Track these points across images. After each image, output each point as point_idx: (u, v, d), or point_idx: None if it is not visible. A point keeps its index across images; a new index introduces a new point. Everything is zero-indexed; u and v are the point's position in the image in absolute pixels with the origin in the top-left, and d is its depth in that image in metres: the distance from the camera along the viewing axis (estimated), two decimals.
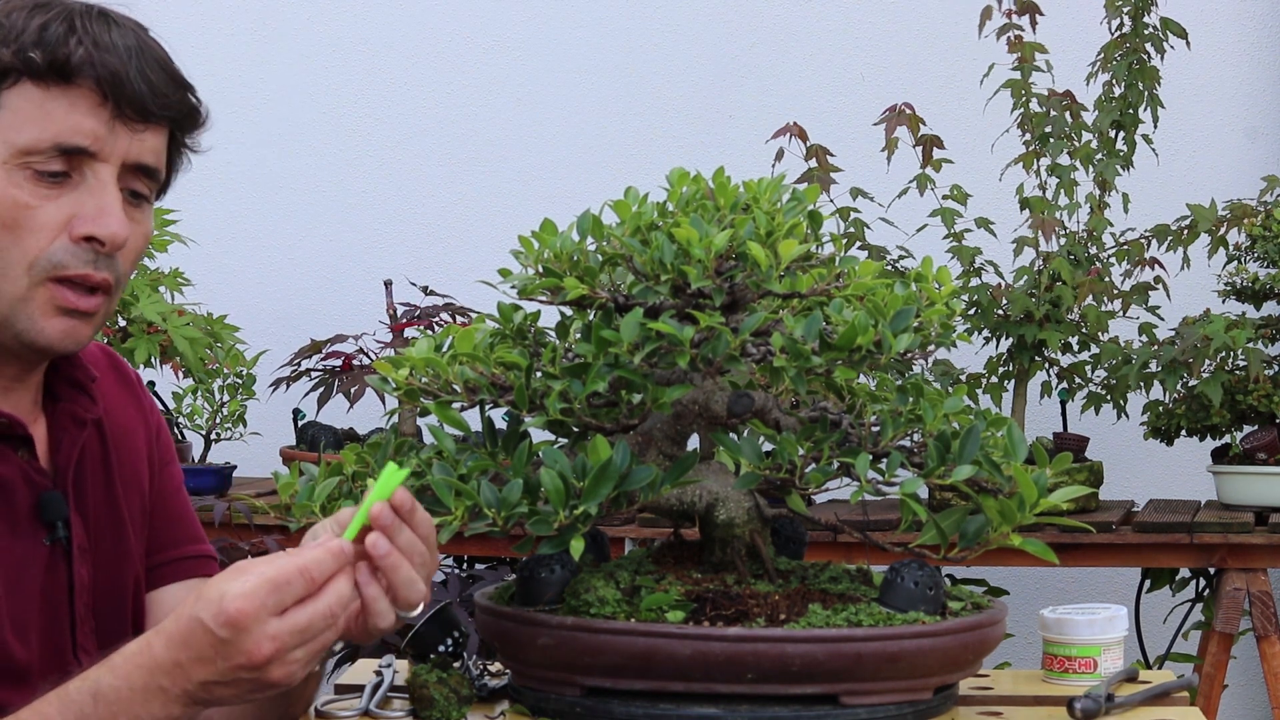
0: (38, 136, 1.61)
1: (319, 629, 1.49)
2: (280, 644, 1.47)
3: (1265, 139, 4.25)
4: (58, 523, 1.70)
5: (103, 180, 1.64)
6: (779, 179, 1.78)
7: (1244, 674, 4.11)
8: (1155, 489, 4.05)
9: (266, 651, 1.47)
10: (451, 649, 1.84)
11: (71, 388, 1.76)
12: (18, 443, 1.69)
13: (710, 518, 1.79)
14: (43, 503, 1.69)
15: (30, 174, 1.62)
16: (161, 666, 1.50)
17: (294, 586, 1.48)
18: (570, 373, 1.70)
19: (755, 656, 1.64)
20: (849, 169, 3.61)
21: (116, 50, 1.64)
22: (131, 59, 1.64)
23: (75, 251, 1.63)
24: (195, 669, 1.49)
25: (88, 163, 1.64)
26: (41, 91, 1.62)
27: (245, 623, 1.46)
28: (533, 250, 1.76)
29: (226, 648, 1.47)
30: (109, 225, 1.64)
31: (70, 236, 1.63)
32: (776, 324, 1.70)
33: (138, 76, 1.64)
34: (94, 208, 1.63)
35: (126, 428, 1.84)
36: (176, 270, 3.73)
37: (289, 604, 1.48)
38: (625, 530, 3.48)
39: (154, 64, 1.66)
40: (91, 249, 1.64)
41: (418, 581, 1.55)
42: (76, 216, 1.63)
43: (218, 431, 3.86)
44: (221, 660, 1.48)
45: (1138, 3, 3.61)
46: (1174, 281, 3.64)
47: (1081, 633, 1.96)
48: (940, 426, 1.72)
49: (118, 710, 1.50)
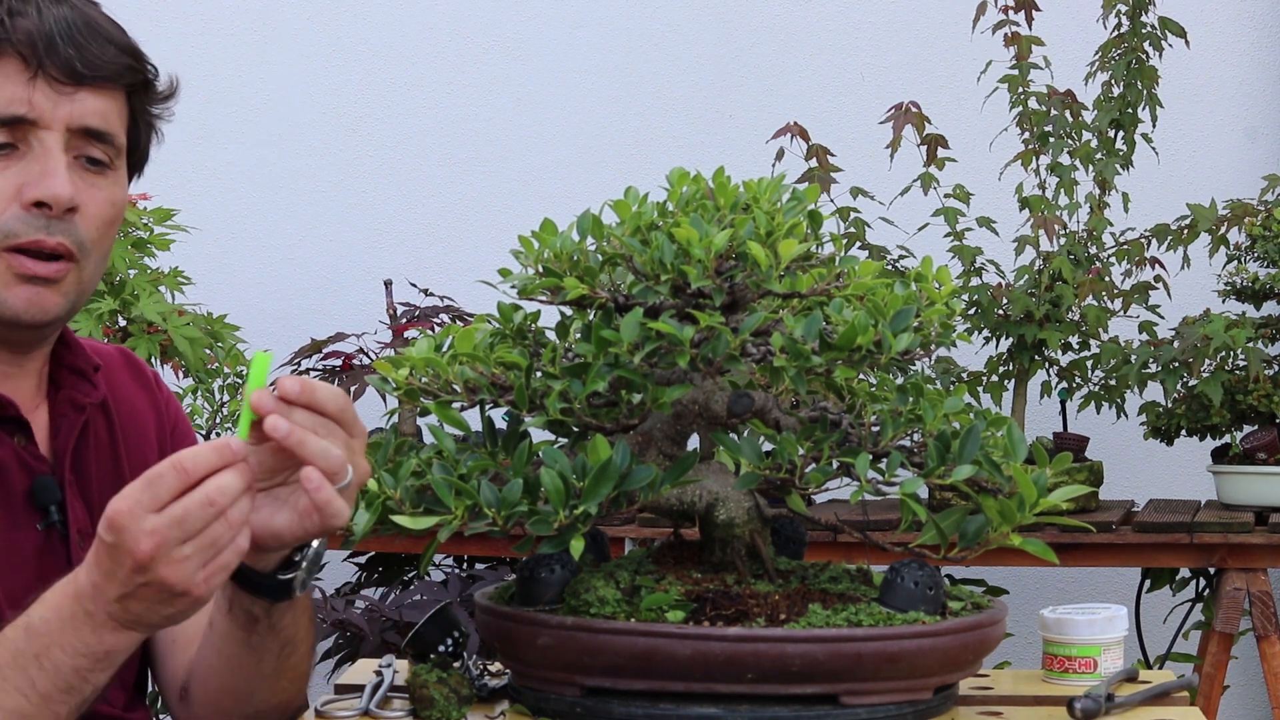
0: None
1: (198, 519, 1.42)
2: (160, 538, 1.41)
3: (1265, 139, 4.25)
4: (50, 507, 1.71)
5: (47, 146, 1.66)
6: (779, 179, 1.78)
7: (1244, 674, 4.11)
8: (1155, 489, 4.05)
9: (146, 548, 1.41)
10: (451, 649, 1.84)
11: (73, 374, 1.78)
12: (13, 427, 1.70)
13: (710, 518, 1.79)
14: (35, 487, 1.70)
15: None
16: (83, 591, 1.47)
17: (166, 480, 1.42)
18: (570, 373, 1.70)
19: (755, 656, 1.64)
20: (849, 169, 3.61)
21: (38, 17, 1.64)
22: (57, 24, 1.65)
23: (26, 219, 1.65)
24: (106, 586, 1.45)
25: (31, 131, 1.65)
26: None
27: (121, 520, 1.42)
28: (533, 250, 1.76)
29: (116, 553, 1.43)
30: (52, 187, 1.65)
31: (20, 204, 1.65)
32: (776, 324, 1.70)
33: (64, 40, 1.65)
34: (38, 172, 1.65)
35: (137, 417, 1.85)
36: (176, 270, 3.72)
37: (165, 498, 1.42)
38: (625, 530, 3.48)
39: (84, 27, 1.67)
40: (42, 214, 1.65)
41: (331, 449, 1.48)
42: (25, 184, 1.65)
43: (218, 431, 3.86)
44: (118, 568, 1.44)
45: (1135, 2, 3.61)
46: (1174, 281, 3.64)
47: (1081, 633, 1.96)
48: (940, 426, 1.73)
49: (49, 642, 1.48)
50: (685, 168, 1.80)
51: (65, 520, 1.72)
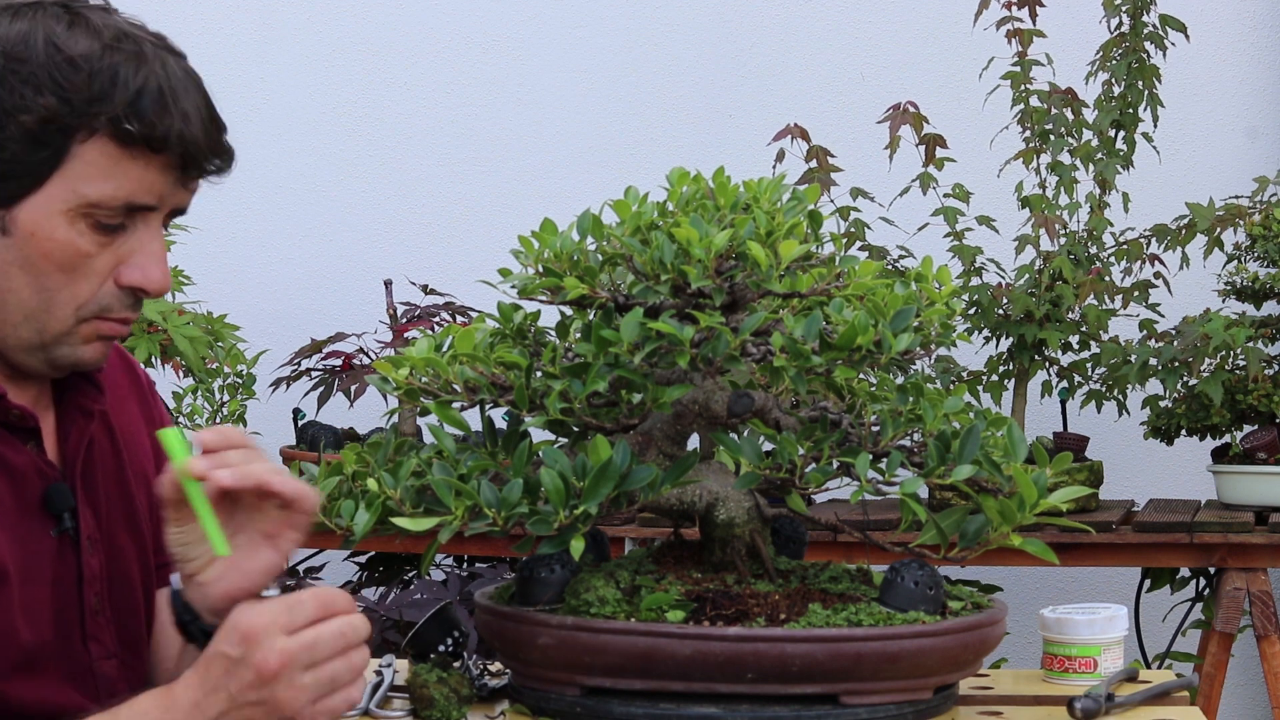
0: (111, 194, 1.63)
1: (327, 649, 1.50)
2: (288, 657, 1.48)
3: (1265, 138, 4.25)
4: (64, 514, 1.71)
5: (153, 230, 1.68)
6: (779, 179, 1.78)
7: (1244, 674, 4.11)
8: (1155, 489, 4.04)
9: (274, 664, 1.48)
10: (451, 648, 1.84)
11: (79, 378, 1.78)
12: (27, 435, 1.70)
13: (710, 518, 1.79)
14: (49, 494, 1.70)
15: (92, 223, 1.64)
16: (179, 706, 1.52)
17: (306, 606, 1.51)
18: (570, 373, 1.70)
19: (755, 656, 1.64)
20: (849, 169, 3.61)
21: (195, 119, 1.66)
22: (204, 123, 1.67)
23: (120, 297, 1.67)
24: (209, 703, 1.51)
25: (142, 213, 1.66)
26: (120, 150, 1.62)
27: (257, 635, 1.49)
28: (533, 250, 1.76)
29: (238, 667, 1.49)
30: (156, 279, 1.67)
31: (116, 282, 1.66)
32: (776, 324, 1.70)
33: (208, 143, 1.67)
34: (143, 259, 1.67)
35: (132, 423, 1.85)
36: (177, 269, 3.72)
37: (300, 624, 1.50)
38: (625, 530, 3.48)
39: (217, 122, 1.70)
40: (133, 294, 1.68)
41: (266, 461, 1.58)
42: (124, 265, 1.66)
43: None
44: (234, 682, 1.49)
45: (1137, 1, 3.60)
46: (1174, 281, 3.64)
47: (1081, 632, 1.96)
48: (940, 426, 1.73)
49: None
50: (685, 168, 1.80)
51: (77, 527, 1.73)
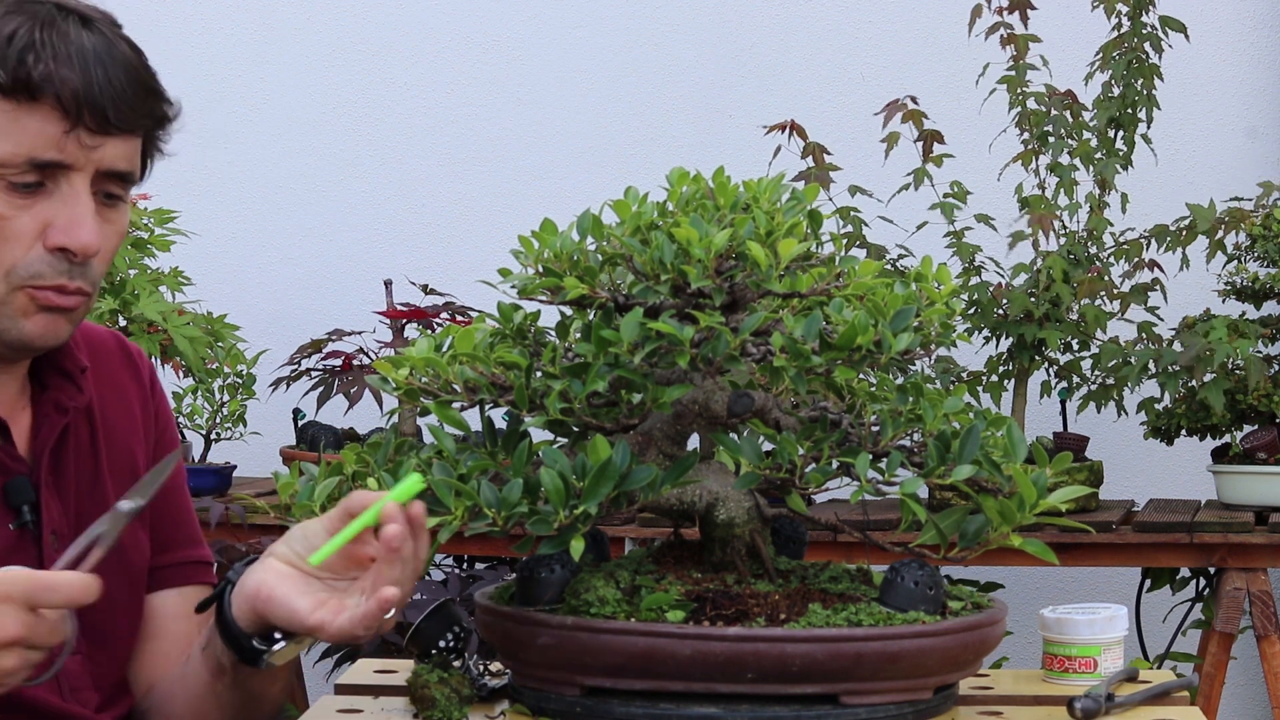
0: (12, 150, 1.63)
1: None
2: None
3: (1265, 139, 4.25)
4: (23, 507, 1.71)
5: (76, 190, 1.66)
6: (779, 178, 1.78)
7: (1244, 674, 4.11)
8: (1155, 489, 4.04)
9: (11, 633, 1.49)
10: (452, 644, 1.84)
11: (60, 376, 1.78)
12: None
13: (710, 518, 1.79)
14: (8, 488, 1.71)
15: (4, 184, 1.64)
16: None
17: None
18: (570, 372, 1.70)
19: (755, 656, 1.64)
20: (848, 169, 3.61)
21: (78, 62, 1.63)
22: (95, 70, 1.64)
23: (50, 261, 1.66)
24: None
25: (61, 172, 1.65)
26: (12, 105, 1.63)
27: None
28: (533, 250, 1.76)
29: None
30: (81, 237, 1.65)
31: (44, 245, 1.65)
32: (776, 324, 1.70)
33: (101, 91, 1.64)
34: (66, 218, 1.65)
35: (124, 413, 1.85)
36: (176, 269, 3.72)
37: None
38: (625, 530, 3.48)
39: (120, 72, 1.66)
40: (65, 258, 1.66)
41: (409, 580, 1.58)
42: (50, 226, 1.65)
43: (218, 431, 3.86)
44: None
45: (1136, 2, 3.60)
46: (1174, 281, 3.64)
47: (1081, 632, 1.96)
48: (940, 426, 1.72)
49: None
50: (685, 167, 1.80)
51: (39, 520, 1.73)
